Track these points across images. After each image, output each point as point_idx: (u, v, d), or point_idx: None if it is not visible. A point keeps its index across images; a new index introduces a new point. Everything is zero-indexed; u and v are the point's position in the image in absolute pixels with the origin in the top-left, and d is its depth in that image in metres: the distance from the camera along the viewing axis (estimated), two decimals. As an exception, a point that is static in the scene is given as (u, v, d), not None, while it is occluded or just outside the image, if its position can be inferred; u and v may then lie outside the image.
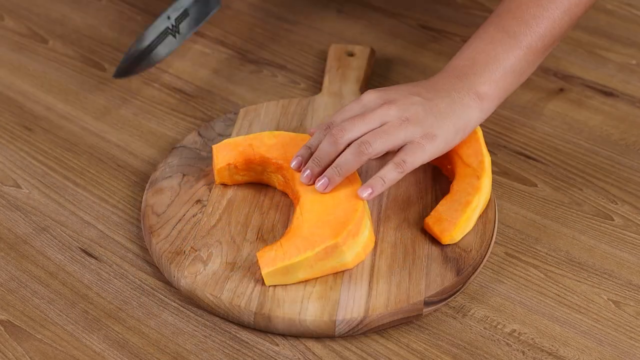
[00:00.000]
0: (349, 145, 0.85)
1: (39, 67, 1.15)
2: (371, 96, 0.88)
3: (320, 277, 0.83)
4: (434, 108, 0.87)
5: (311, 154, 0.88)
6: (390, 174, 0.85)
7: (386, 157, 0.91)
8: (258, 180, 0.93)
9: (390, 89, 0.90)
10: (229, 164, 0.91)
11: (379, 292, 0.82)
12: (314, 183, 0.86)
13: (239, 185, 0.93)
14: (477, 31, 0.94)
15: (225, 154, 0.92)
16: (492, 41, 0.91)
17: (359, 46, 1.13)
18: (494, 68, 0.90)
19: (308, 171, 0.86)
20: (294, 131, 0.99)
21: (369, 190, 0.84)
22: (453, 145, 0.88)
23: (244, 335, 0.82)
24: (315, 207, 0.85)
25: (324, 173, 0.85)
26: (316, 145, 0.88)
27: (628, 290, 0.86)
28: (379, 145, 0.84)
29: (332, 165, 0.85)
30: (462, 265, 0.84)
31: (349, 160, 0.85)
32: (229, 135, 0.99)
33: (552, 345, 0.81)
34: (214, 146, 0.92)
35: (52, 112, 1.07)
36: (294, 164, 0.88)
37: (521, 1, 0.92)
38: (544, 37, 0.92)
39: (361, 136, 0.85)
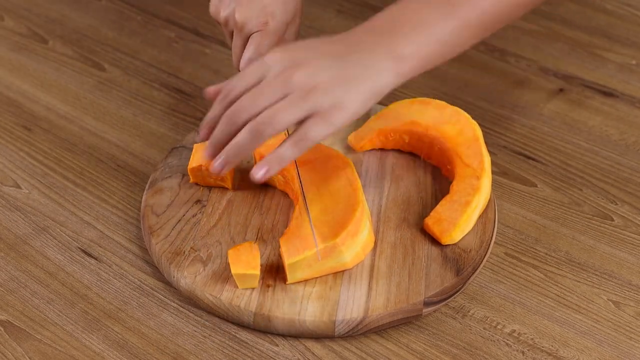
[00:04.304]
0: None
1: (38, 67, 1.15)
2: (275, 57, 0.80)
3: (320, 277, 0.84)
4: (346, 72, 0.78)
5: (212, 129, 0.81)
6: (288, 152, 0.77)
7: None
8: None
9: (298, 48, 0.81)
10: (200, 166, 0.91)
11: (378, 292, 0.82)
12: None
13: (238, 185, 0.93)
14: None
15: (203, 154, 0.91)
16: (428, 3, 0.84)
17: (359, 46, 1.12)
18: (422, 32, 0.82)
19: (207, 152, 0.81)
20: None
21: (264, 169, 0.77)
22: (362, 114, 0.80)
23: (244, 335, 0.82)
24: (314, 208, 0.85)
25: (221, 152, 0.79)
26: (215, 119, 0.81)
27: (628, 291, 0.86)
28: (280, 124, 0.76)
29: (229, 145, 0.78)
30: (461, 265, 0.84)
31: (247, 141, 0.77)
32: (228, 136, 0.99)
33: (552, 346, 0.81)
34: (195, 145, 0.92)
35: (52, 112, 1.07)
36: (198, 139, 0.82)
37: None
38: (485, 13, 0.84)
39: (262, 110, 0.77)
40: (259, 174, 0.77)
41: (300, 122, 0.77)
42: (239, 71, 0.94)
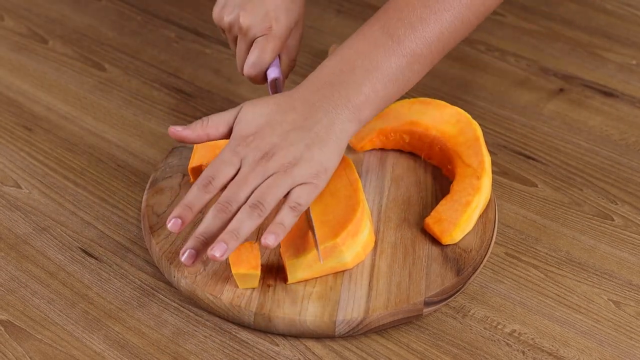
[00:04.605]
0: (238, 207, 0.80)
1: (39, 67, 1.15)
2: (248, 149, 0.82)
3: (320, 277, 0.83)
4: (315, 139, 0.82)
5: (192, 214, 0.80)
6: (288, 219, 0.79)
7: None
8: None
9: (263, 131, 0.82)
10: (200, 166, 0.91)
11: (379, 292, 0.82)
12: (194, 262, 0.79)
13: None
14: (362, 28, 0.87)
15: (203, 153, 0.91)
16: (374, 44, 0.85)
17: (359, 46, 1.12)
18: (375, 77, 0.84)
19: (190, 251, 0.79)
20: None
21: (273, 236, 0.78)
22: (337, 165, 0.84)
23: (244, 335, 0.82)
24: (315, 208, 0.85)
25: (219, 237, 0.77)
26: (197, 204, 0.80)
27: (628, 290, 0.86)
28: (272, 202, 0.79)
29: (227, 230, 0.78)
30: (462, 265, 0.84)
31: (247, 224, 0.78)
32: (229, 136, 0.99)
33: (552, 346, 0.81)
34: (196, 145, 0.92)
35: (52, 112, 1.07)
36: (170, 224, 0.79)
37: (409, 0, 0.86)
38: (432, 43, 0.85)
39: (249, 196, 0.80)
40: (271, 240, 0.78)
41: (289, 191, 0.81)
42: (243, 75, 0.94)
